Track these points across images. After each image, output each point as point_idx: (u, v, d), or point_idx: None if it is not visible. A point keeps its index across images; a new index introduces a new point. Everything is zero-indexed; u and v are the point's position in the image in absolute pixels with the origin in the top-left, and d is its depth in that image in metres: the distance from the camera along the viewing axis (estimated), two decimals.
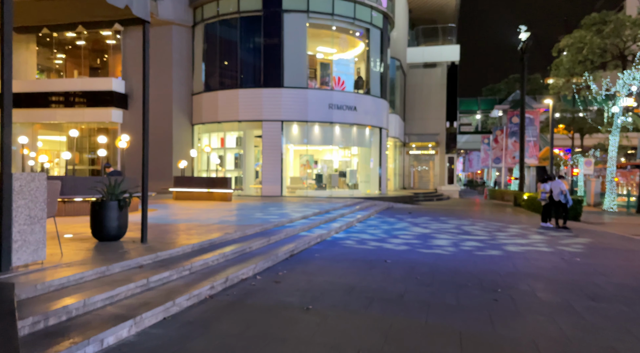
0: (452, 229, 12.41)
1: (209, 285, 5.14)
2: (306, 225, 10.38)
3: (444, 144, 34.00)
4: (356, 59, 25.59)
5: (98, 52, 25.09)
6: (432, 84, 34.15)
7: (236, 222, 9.57)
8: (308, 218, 11.56)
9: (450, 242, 9.98)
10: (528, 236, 11.34)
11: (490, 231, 12.15)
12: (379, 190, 23.77)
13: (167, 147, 22.21)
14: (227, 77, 22.26)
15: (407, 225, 13.26)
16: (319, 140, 21.85)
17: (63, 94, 22.22)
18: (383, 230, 11.99)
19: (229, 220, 10.09)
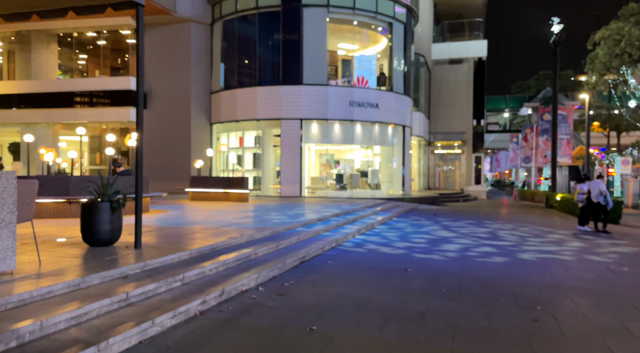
0: (480, 233, 11.51)
1: (200, 299, 4.49)
2: (321, 228, 9.67)
3: (470, 143, 32.78)
4: (379, 56, 24.74)
5: (119, 52, 25.00)
6: (458, 80, 32.98)
7: (246, 225, 8.94)
8: (324, 221, 10.86)
9: (478, 248, 9.12)
10: (565, 241, 10.35)
11: (521, 235, 11.19)
12: (402, 191, 22.88)
13: (185, 146, 21.85)
14: (245, 75, 21.76)
15: (431, 228, 12.41)
16: (339, 139, 21.13)
17: (83, 93, 22.13)
18: (405, 233, 11.19)
19: (240, 222, 9.47)
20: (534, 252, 8.80)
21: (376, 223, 12.57)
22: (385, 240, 9.93)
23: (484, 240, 10.28)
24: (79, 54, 25.29)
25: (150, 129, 22.39)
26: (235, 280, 5.30)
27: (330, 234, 9.45)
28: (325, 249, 8.26)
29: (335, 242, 8.94)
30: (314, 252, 7.72)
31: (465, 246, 9.28)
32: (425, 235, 10.81)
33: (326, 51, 20.88)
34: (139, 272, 4.91)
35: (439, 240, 10.05)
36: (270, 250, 7.13)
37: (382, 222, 13.33)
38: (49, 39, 23.73)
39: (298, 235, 8.36)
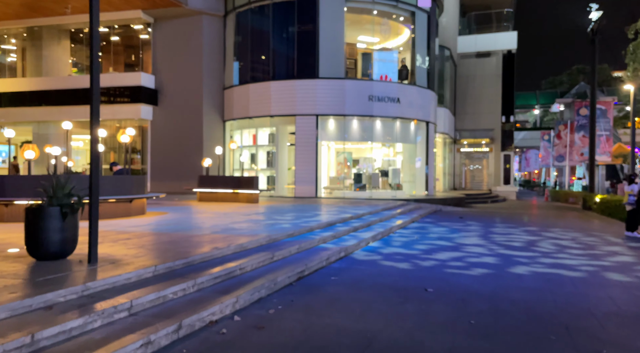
0: (514, 240, 10.08)
1: (144, 339, 3.34)
2: (329, 234, 8.45)
3: (499, 141, 30.99)
4: (401, 49, 23.37)
5: (132, 48, 24.28)
6: (486, 75, 31.21)
7: (242, 231, 7.80)
8: (334, 226, 9.63)
9: (513, 260, 7.74)
10: (615, 252, 8.85)
11: (563, 243, 9.73)
12: (425, 191, 21.45)
13: (197, 144, 20.94)
14: (258, 69, 20.71)
15: (457, 234, 11.04)
16: (357, 136, 19.85)
17: None
18: (427, 240, 9.86)
19: (238, 227, 8.34)
20: (581, 266, 7.37)
21: (395, 228, 11.27)
22: (403, 249, 8.64)
23: (519, 250, 8.87)
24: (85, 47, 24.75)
25: (160, 126, 21.62)
26: (204, 307, 4.14)
27: (339, 242, 8.22)
28: (330, 261, 7.04)
29: (345, 252, 7.71)
30: (316, 265, 6.51)
31: (496, 258, 7.92)
32: (448, 243, 9.46)
33: (343, 42, 19.64)
34: (75, 299, 3.80)
35: (465, 250, 8.70)
36: (261, 264, 5.96)
37: (402, 226, 12.02)
38: (60, 34, 23.20)
39: (300, 244, 7.17)
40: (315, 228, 8.91)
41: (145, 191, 10.87)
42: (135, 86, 20.87)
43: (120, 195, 9.69)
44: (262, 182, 21.02)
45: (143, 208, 10.82)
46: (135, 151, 24.49)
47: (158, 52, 21.65)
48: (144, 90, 20.93)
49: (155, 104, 21.51)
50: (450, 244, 9.33)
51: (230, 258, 5.80)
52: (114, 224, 8.56)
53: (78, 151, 27.94)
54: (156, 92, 21.54)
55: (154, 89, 21.51)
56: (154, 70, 21.67)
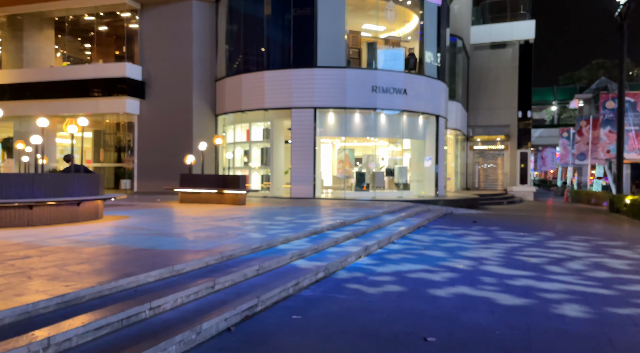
0: (542, 252, 8.23)
1: None
2: (310, 247, 6.70)
3: (515, 138, 28.96)
4: (409, 38, 21.53)
5: (119, 38, 22.75)
6: (501, 67, 29.19)
7: (192, 246, 6.10)
8: (319, 236, 7.87)
9: (545, 286, 5.92)
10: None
11: (601, 260, 7.86)
12: (435, 192, 19.58)
13: (186, 141, 19.29)
14: (252, 58, 19.02)
15: (471, 243, 9.21)
16: (359, 131, 18.05)
17: (75, 83, 19.94)
18: (433, 253, 8.06)
19: (191, 240, 6.64)
20: (634, 295, 5.52)
21: (396, 235, 9.48)
22: (402, 266, 6.84)
23: (549, 266, 7.03)
24: (77, 40, 23.26)
25: (148, 121, 20.05)
26: None
27: (319, 258, 6.46)
28: (301, 286, 5.29)
29: (324, 272, 5.95)
30: (277, 295, 4.76)
31: (523, 282, 6.09)
32: (460, 260, 7.64)
33: (344, 27, 17.86)
34: None
35: (483, 269, 6.87)
36: (193, 298, 4.22)
37: (405, 233, 10.22)
38: (43, 23, 21.75)
39: (262, 263, 5.42)
40: (292, 239, 7.15)
41: (100, 192, 9.21)
42: (120, 78, 19.30)
43: (63, 196, 8.04)
44: (256, 182, 19.34)
45: (97, 212, 9.17)
46: (130, 148, 22.98)
47: (145, 42, 20.08)
48: (130, 82, 19.35)
49: (142, 97, 19.93)
50: (461, 262, 7.51)
51: (146, 290, 4.07)
52: (41, 233, 6.91)
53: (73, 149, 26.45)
54: (143, 84, 19.96)
55: (141, 81, 19.93)
56: (141, 61, 20.10)
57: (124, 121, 23.31)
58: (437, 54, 19.82)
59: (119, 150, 23.63)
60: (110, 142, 24.16)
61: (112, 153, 23.93)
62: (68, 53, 23.25)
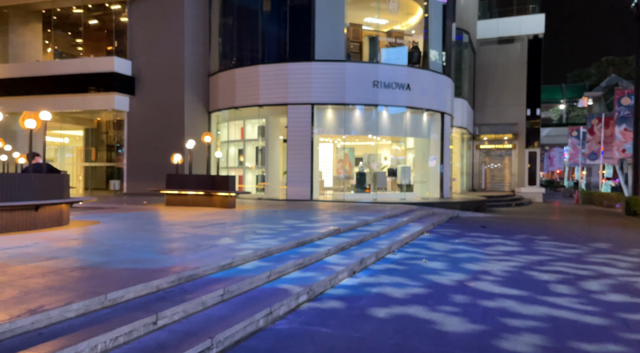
0: (569, 264, 7.17)
1: None
2: (293, 262, 5.67)
3: (523, 137, 27.83)
4: (413, 32, 20.47)
5: (109, 32, 21.80)
6: (509, 63, 28.05)
7: (157, 260, 5.10)
8: (307, 246, 6.83)
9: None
10: None
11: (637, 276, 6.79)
12: (440, 193, 18.51)
13: (178, 138, 18.25)
14: (246, 52, 18.00)
15: (483, 253, 8.15)
16: (360, 129, 17.01)
17: (62, 78, 18.99)
18: (439, 266, 7.01)
19: (156, 252, 5.64)
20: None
21: (397, 244, 8.43)
22: (399, 289, 5.78)
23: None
24: (66, 34, 22.30)
25: (138, 118, 19.08)
26: None
27: (302, 276, 5.43)
28: (275, 316, 4.25)
29: (308, 294, 4.92)
30: (240, 331, 3.73)
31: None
32: (473, 275, 6.58)
33: (344, 18, 16.82)
34: None
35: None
36: (122, 341, 3.19)
37: (408, 241, 9.17)
38: (30, 16, 20.83)
39: (227, 286, 4.40)
40: (274, 251, 6.12)
41: (66, 195, 8.21)
42: (108, 73, 18.32)
43: (16, 200, 7.05)
44: (250, 182, 18.35)
45: (61, 217, 8.17)
46: (121, 147, 22.02)
47: (135, 35, 19.10)
48: (118, 78, 18.37)
49: (131, 93, 18.95)
50: (475, 278, 6.45)
51: (57, 332, 3.05)
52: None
53: (64, 148, 25.56)
54: (133, 79, 18.98)
55: (131, 76, 18.95)
56: (130, 56, 19.12)
57: (117, 118, 22.40)
58: (443, 48, 18.75)
59: (113, 149, 22.68)
60: (103, 140, 23.23)
61: (105, 152, 22.99)
62: (57, 48, 22.31)
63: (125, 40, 20.02)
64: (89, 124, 23.44)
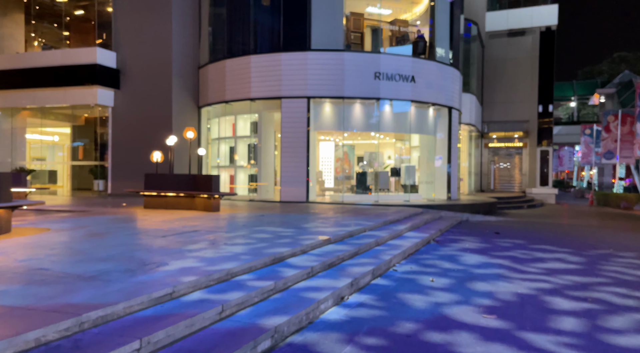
0: (621, 290, 5.80)
1: None
2: (260, 289, 4.34)
3: (535, 134, 26.37)
4: (418, 22, 19.10)
5: (100, 23, 20.57)
6: (520, 57, 26.59)
7: (73, 291, 3.79)
8: (284, 264, 5.50)
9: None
10: None
11: None
12: (448, 194, 17.13)
13: (165, 135, 16.95)
14: (237, 42, 16.69)
15: (501, 268, 6.79)
16: (360, 124, 15.66)
17: (42, 71, 17.76)
18: (448, 284, 5.66)
19: (76, 278, 4.33)
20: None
21: (398, 258, 7.09)
22: (401, 324, 4.43)
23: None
24: (52, 26, 21.08)
25: (123, 114, 17.82)
26: None
27: (270, 308, 4.10)
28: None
29: (272, 339, 3.58)
30: None
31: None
32: (492, 300, 5.22)
33: (342, 5, 15.46)
34: None
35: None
36: None
37: (411, 252, 7.82)
38: (11, 6, 19.62)
39: (151, 333, 3.07)
40: (239, 272, 4.79)
41: (6, 198, 6.93)
42: (90, 65, 17.07)
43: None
44: (242, 182, 17.04)
45: (1, 224, 6.89)
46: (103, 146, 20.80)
47: (120, 24, 17.83)
48: (101, 70, 17.11)
49: (116, 86, 17.69)
50: (496, 304, 5.10)
51: None
52: None
53: (55, 147, 24.33)
54: (118, 72, 17.72)
55: (116, 69, 17.69)
56: (115, 47, 17.86)
57: (104, 115, 21.18)
58: (450, 38, 17.37)
59: (101, 147, 21.46)
60: (91, 138, 22.00)
61: (92, 151, 21.76)
62: (41, 40, 21.11)
63: (111, 31, 18.77)
64: (76, 120, 22.25)
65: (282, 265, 5.35)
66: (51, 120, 21.09)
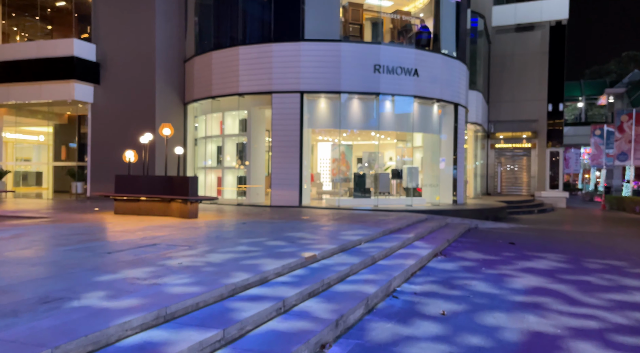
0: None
1: None
2: (197, 341, 3.00)
3: (544, 134, 25.01)
4: (421, 14, 17.79)
5: (83, 16, 19.31)
6: (528, 53, 25.26)
7: None
8: (241, 301, 4.17)
9: None
10: None
11: None
12: (454, 198, 15.78)
13: (149, 133, 15.71)
14: (224, 32, 15.39)
15: (526, 294, 5.44)
16: (358, 122, 14.33)
17: (13, 64, 16.48)
18: (463, 322, 4.31)
19: None
20: None
21: (398, 280, 5.75)
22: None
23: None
24: (29, 17, 19.81)
25: (104, 111, 16.54)
26: None
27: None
28: None
29: None
30: None
31: None
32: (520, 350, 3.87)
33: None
34: None
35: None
36: None
37: (414, 271, 6.48)
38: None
39: None
40: (178, 312, 3.45)
41: None
42: (66, 57, 15.79)
43: None
44: (230, 184, 15.73)
45: None
46: (82, 146, 19.52)
47: (100, 15, 16.56)
48: (78, 63, 15.83)
49: (96, 81, 16.40)
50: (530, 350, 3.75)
51: None
52: None
53: (39, 147, 23.04)
54: (97, 66, 16.44)
55: (95, 62, 16.41)
56: (95, 39, 16.58)
57: (71, 112, 19.94)
58: (456, 29, 16.05)
59: (84, 147, 20.20)
60: (73, 138, 20.73)
61: (76, 151, 20.48)
62: (21, 33, 19.85)
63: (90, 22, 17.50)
64: (59, 119, 21.00)
65: (243, 299, 4.01)
66: (32, 119, 19.83)
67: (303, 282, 4.68)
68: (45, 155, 22.41)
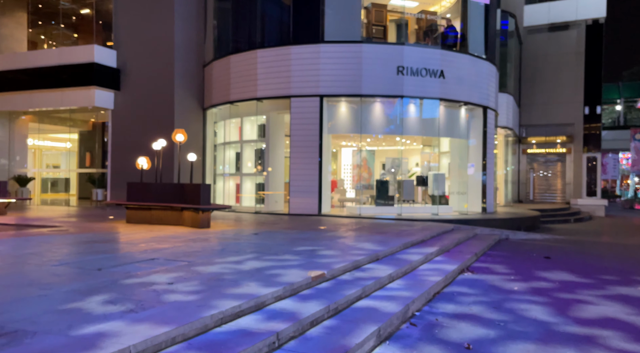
0: None
1: None
2: None
3: (580, 139, 23.73)
4: (448, 15, 17.04)
5: (105, 23, 19.38)
6: (563, 53, 24.07)
7: None
8: (230, 335, 3.61)
9: None
10: None
11: None
12: (483, 205, 14.92)
13: (166, 140, 15.48)
14: (243, 35, 15.04)
15: (570, 323, 4.70)
16: (381, 126, 13.70)
17: (38, 71, 16.57)
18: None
19: None
20: None
21: (417, 303, 5.10)
22: None
23: None
24: (55, 25, 20.00)
25: (124, 117, 16.43)
26: None
27: None
28: None
29: None
30: None
31: None
32: None
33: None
34: None
35: None
36: None
37: (436, 291, 5.81)
38: (12, 6, 18.63)
39: None
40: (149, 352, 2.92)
41: None
42: (87, 63, 15.75)
43: None
44: (249, 191, 15.31)
45: None
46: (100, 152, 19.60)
47: (121, 21, 16.49)
48: (98, 69, 15.77)
49: (116, 88, 16.32)
50: None
51: None
52: None
53: (68, 154, 23.25)
54: (118, 72, 16.36)
55: (116, 68, 16.33)
56: (115, 45, 16.52)
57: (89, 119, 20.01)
58: (485, 29, 15.24)
59: (106, 154, 20.23)
60: (98, 144, 20.83)
61: (99, 157, 20.56)
62: (43, 39, 20.08)
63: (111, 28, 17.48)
64: (84, 126, 21.16)
65: (228, 334, 3.46)
66: (56, 126, 19.98)
67: (305, 308, 4.09)
68: (72, 162, 22.63)
